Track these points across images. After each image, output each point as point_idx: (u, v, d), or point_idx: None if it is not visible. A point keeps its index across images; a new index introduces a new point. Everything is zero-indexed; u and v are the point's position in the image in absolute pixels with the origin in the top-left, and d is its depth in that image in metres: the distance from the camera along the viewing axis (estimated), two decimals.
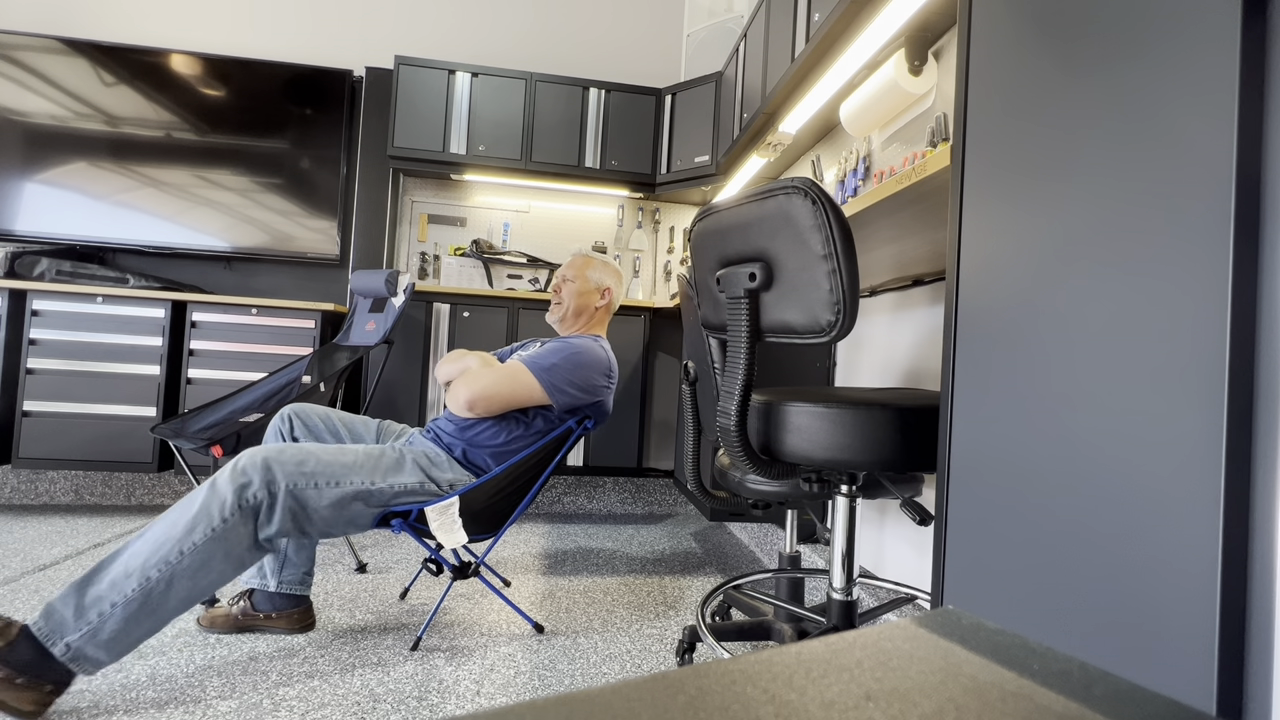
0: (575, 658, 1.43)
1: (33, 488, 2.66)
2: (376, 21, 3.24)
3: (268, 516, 1.23)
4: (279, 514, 1.23)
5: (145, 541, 1.16)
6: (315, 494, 1.28)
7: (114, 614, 1.10)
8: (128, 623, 1.11)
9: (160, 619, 1.15)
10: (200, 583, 1.17)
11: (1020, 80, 0.68)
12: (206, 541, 1.17)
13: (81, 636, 1.08)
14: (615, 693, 0.19)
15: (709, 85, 2.90)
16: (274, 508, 1.23)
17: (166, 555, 1.14)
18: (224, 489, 1.20)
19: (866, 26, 1.61)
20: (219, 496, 1.19)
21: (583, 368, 1.58)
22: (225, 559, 1.18)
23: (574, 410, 1.59)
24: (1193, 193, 0.49)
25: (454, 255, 3.19)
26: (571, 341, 1.63)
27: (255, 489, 1.22)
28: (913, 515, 1.01)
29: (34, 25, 2.99)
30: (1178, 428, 0.49)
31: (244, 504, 1.20)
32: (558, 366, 1.55)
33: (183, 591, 1.15)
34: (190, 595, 1.16)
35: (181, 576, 1.15)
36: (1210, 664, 0.46)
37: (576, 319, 1.77)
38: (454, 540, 1.41)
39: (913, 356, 1.67)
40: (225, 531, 1.18)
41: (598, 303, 1.78)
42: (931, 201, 0.99)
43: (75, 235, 2.82)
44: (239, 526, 1.19)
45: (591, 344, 1.63)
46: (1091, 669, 0.22)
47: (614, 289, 1.81)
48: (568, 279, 1.78)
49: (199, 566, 1.16)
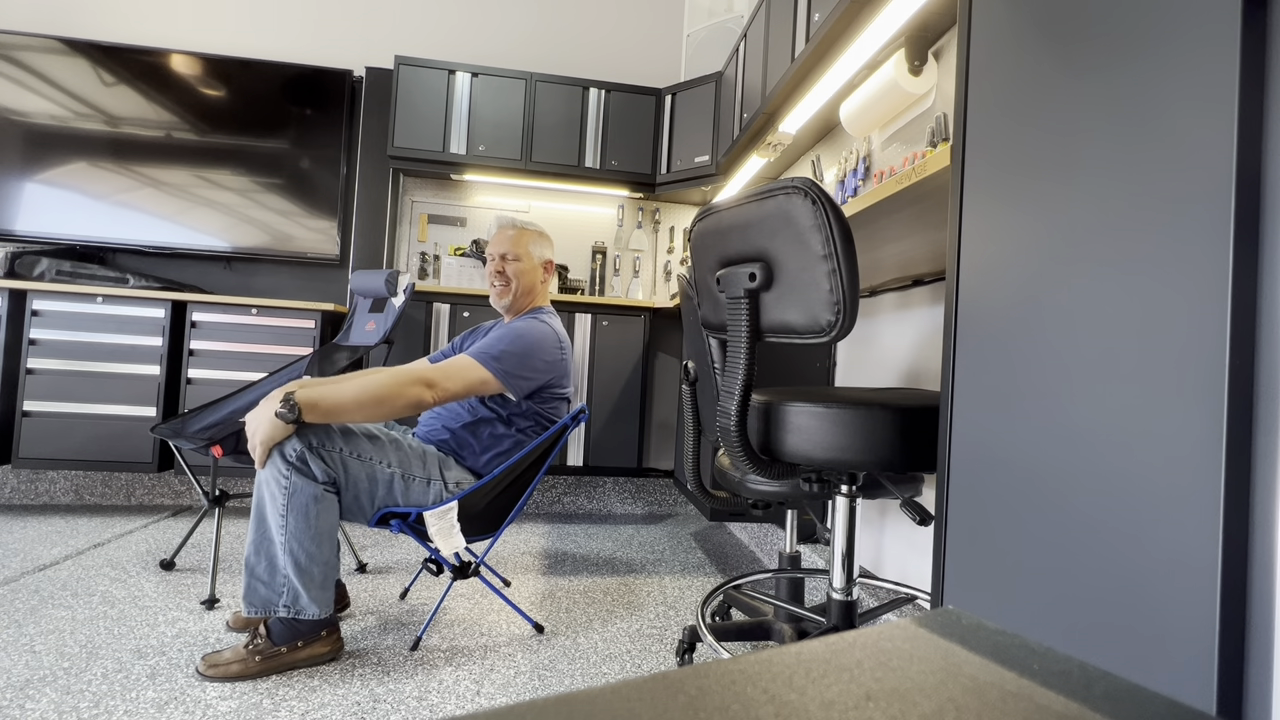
0: (575, 658, 1.43)
1: (33, 488, 2.66)
2: (377, 21, 3.24)
3: (314, 464, 1.33)
4: (320, 461, 1.34)
5: (262, 523, 1.33)
6: (345, 461, 1.38)
7: (291, 577, 1.31)
8: (303, 579, 1.31)
9: (325, 564, 1.34)
10: (316, 526, 1.32)
11: (1020, 80, 0.68)
12: (290, 498, 1.30)
13: (288, 597, 1.31)
14: (615, 693, 0.19)
15: (709, 85, 2.90)
16: (315, 458, 1.33)
17: (278, 525, 1.31)
18: (272, 460, 1.32)
19: (866, 26, 1.61)
20: (272, 466, 1.32)
21: (530, 348, 1.55)
22: (315, 500, 1.31)
23: (538, 391, 1.58)
24: (1193, 193, 0.49)
25: (454, 255, 3.18)
26: (513, 326, 1.61)
27: (292, 445, 1.32)
28: (913, 515, 1.01)
29: (34, 25, 2.99)
30: (1178, 427, 0.49)
31: (290, 459, 1.31)
32: (507, 354, 1.52)
33: (310, 539, 1.31)
34: (320, 536, 1.33)
35: (300, 532, 1.31)
36: (1210, 664, 0.46)
37: (527, 297, 1.72)
38: (452, 546, 1.41)
39: (913, 356, 1.67)
40: (294, 486, 1.31)
41: (543, 277, 1.75)
42: (931, 201, 0.99)
43: (75, 235, 2.82)
44: (300, 477, 1.31)
45: (533, 323, 1.61)
46: (1091, 669, 0.22)
47: (552, 258, 1.78)
48: (510, 258, 1.69)
49: (303, 518, 1.31)
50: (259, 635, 1.31)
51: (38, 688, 1.19)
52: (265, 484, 1.32)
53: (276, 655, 1.30)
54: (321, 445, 1.34)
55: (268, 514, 1.32)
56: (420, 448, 1.50)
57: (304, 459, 1.32)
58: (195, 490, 2.74)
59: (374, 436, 1.44)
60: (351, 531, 2.30)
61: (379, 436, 1.45)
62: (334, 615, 1.37)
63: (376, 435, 1.45)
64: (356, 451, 1.39)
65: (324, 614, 1.33)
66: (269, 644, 1.30)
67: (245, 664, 1.27)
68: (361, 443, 1.40)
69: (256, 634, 1.32)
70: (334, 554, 1.36)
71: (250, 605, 1.31)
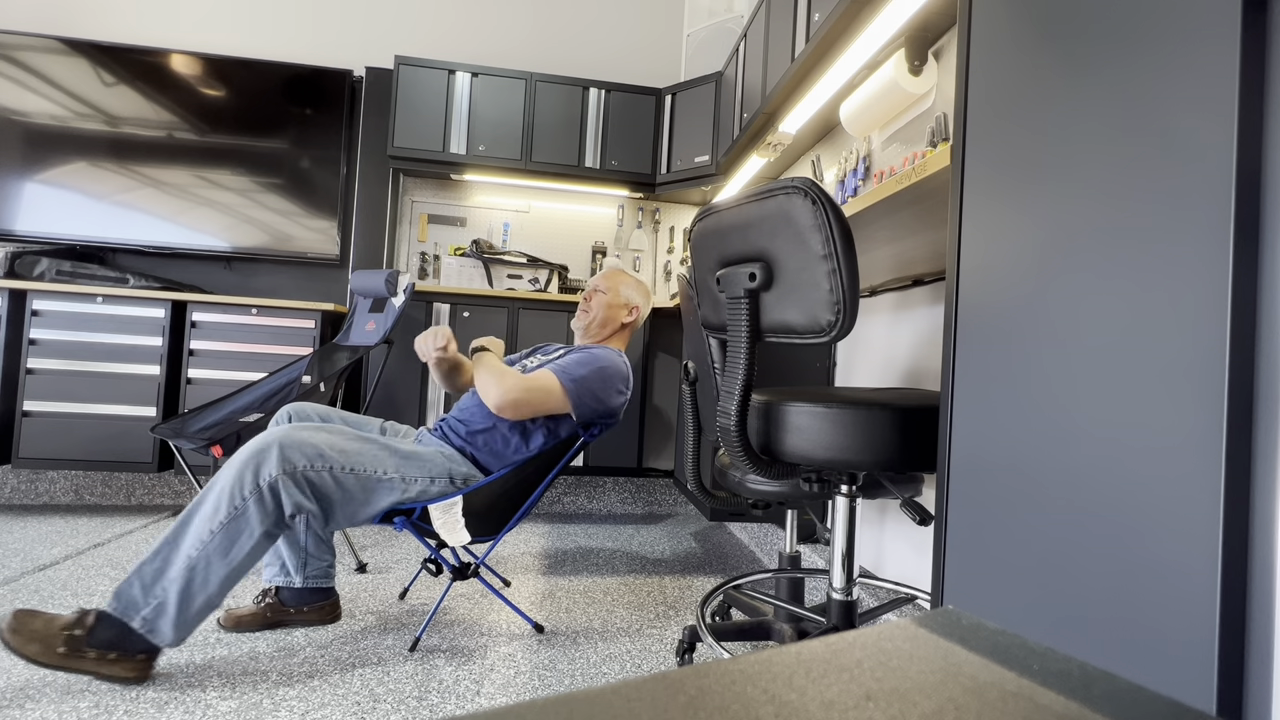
0: (575, 658, 1.43)
1: (33, 488, 2.66)
2: (376, 21, 3.24)
3: (289, 493, 1.27)
4: (297, 492, 1.27)
5: (186, 523, 1.24)
6: (339, 477, 1.33)
7: (171, 591, 1.20)
8: (182, 600, 1.20)
9: (209, 597, 1.22)
10: (233, 560, 1.23)
11: (1020, 80, 0.68)
12: (231, 520, 1.23)
13: (152, 610, 1.19)
14: (615, 693, 0.19)
15: (709, 85, 2.90)
16: (293, 487, 1.27)
17: (200, 534, 1.22)
18: (242, 468, 1.26)
19: (866, 26, 1.61)
20: (238, 476, 1.25)
21: (606, 381, 1.58)
22: (249, 537, 1.24)
23: (591, 422, 1.60)
24: (1193, 193, 0.49)
25: (454, 255, 3.19)
26: (596, 352, 1.63)
27: (270, 469, 1.26)
28: (913, 515, 1.01)
29: (34, 25, 2.99)
30: (1178, 427, 0.49)
31: (260, 483, 1.25)
32: (586, 379, 1.55)
33: (220, 570, 1.22)
34: (228, 574, 1.23)
35: (215, 555, 1.22)
36: (1210, 664, 0.46)
37: (601, 329, 1.78)
38: (457, 539, 1.41)
39: (913, 356, 1.67)
40: (246, 510, 1.24)
41: (624, 318, 1.80)
42: (931, 201, 0.99)
43: (75, 235, 2.82)
44: (257, 505, 1.24)
45: (615, 356, 1.64)
46: (1091, 669, 0.22)
47: (641, 309, 1.84)
48: (600, 289, 1.79)
49: (228, 545, 1.23)
50: (83, 628, 1.17)
51: (38, 688, 1.19)
52: (217, 492, 1.24)
53: (80, 656, 1.16)
54: (311, 466, 1.29)
55: (195, 520, 1.23)
56: (423, 448, 1.49)
57: (275, 490, 1.25)
58: (195, 490, 2.74)
59: (370, 441, 1.41)
60: (351, 531, 2.29)
61: (375, 442, 1.41)
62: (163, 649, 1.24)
63: (373, 440, 1.42)
64: (350, 465, 1.34)
65: (167, 646, 1.21)
66: (85, 639, 1.16)
67: (46, 649, 1.14)
68: (356, 455, 1.36)
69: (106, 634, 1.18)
70: (224, 596, 1.24)
71: (115, 599, 1.19)
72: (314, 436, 1.33)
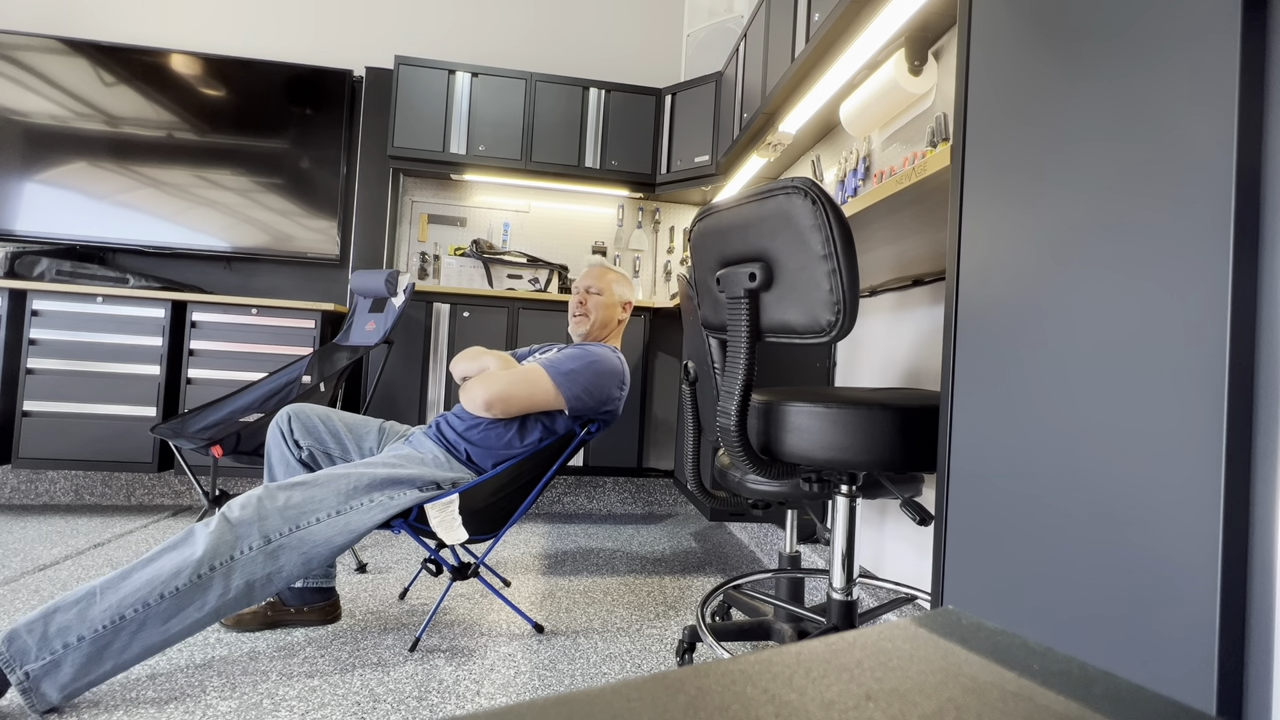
0: (575, 658, 1.43)
1: (33, 488, 2.65)
2: (376, 21, 3.24)
3: (263, 567, 1.21)
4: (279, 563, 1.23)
5: (124, 579, 1.14)
6: (316, 529, 1.28)
7: (78, 648, 1.07)
8: (88, 661, 1.08)
9: (119, 664, 1.11)
10: (171, 630, 1.14)
11: (1020, 80, 0.68)
12: (189, 588, 1.14)
13: (42, 666, 1.05)
14: (615, 693, 0.19)
15: (709, 85, 2.90)
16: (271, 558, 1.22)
17: (146, 597, 1.12)
18: (215, 539, 1.19)
19: (866, 26, 1.61)
20: (207, 546, 1.17)
21: (600, 376, 1.59)
22: (200, 609, 1.15)
23: (585, 418, 1.60)
24: (1193, 193, 0.49)
25: (454, 255, 3.18)
26: (589, 348, 1.64)
27: (250, 541, 1.21)
28: (913, 515, 1.01)
29: (34, 25, 2.99)
30: (1178, 427, 0.49)
31: (235, 556, 1.19)
32: (576, 373, 1.56)
33: (153, 638, 1.13)
34: (156, 643, 1.13)
35: (154, 620, 1.12)
36: (1210, 664, 0.46)
37: (602, 331, 1.80)
38: (454, 537, 1.41)
39: (913, 356, 1.67)
40: (207, 582, 1.16)
41: (620, 316, 1.83)
42: (931, 201, 0.99)
43: (75, 235, 2.82)
44: (221, 579, 1.17)
45: (609, 353, 1.65)
46: (1091, 669, 0.22)
47: (632, 302, 1.87)
48: (594, 291, 1.79)
49: (173, 613, 1.13)
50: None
51: None
52: (212, 534, 1.17)
53: None
54: (268, 539, 1.22)
55: (156, 565, 1.14)
56: (407, 462, 1.45)
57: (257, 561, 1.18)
58: (195, 490, 2.74)
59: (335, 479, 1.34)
60: None
61: (344, 477, 1.34)
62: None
63: (341, 476, 1.35)
64: (310, 519, 1.27)
65: (36, 710, 1.06)
66: None
67: None
68: (317, 502, 1.29)
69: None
70: (132, 667, 1.16)
71: (6, 642, 1.05)
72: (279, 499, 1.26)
